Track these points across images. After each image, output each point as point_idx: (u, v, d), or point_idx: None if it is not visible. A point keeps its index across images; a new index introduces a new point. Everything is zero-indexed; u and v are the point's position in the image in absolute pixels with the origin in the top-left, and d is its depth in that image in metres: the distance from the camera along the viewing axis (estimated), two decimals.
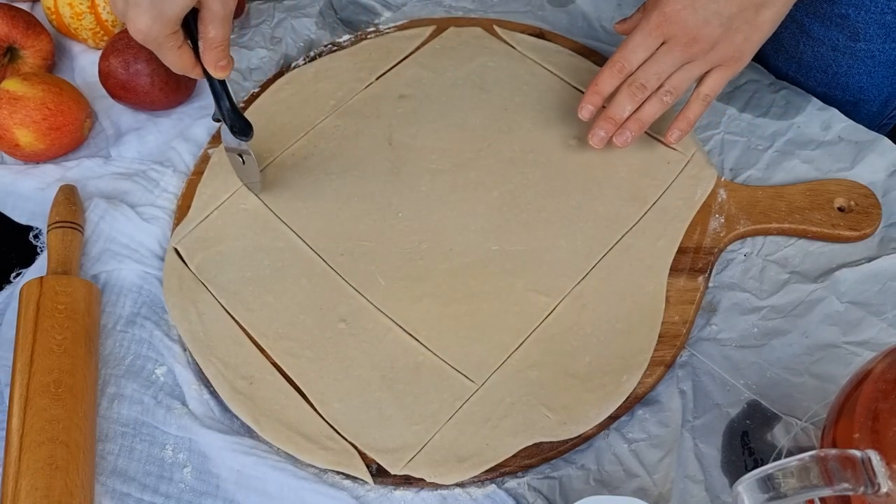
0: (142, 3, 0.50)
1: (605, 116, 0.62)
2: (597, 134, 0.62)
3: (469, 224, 0.62)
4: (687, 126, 0.62)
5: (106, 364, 0.58)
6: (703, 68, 0.59)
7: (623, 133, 0.62)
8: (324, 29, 0.78)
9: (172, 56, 0.54)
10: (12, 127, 0.65)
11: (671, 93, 0.60)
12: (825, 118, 0.67)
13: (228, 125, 0.58)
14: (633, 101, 0.60)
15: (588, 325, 0.57)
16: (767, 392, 0.54)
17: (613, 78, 0.61)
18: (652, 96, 0.60)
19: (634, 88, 0.60)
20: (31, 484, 0.49)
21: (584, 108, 0.62)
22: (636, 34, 0.59)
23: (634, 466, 0.52)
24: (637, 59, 0.59)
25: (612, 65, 0.60)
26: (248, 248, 0.62)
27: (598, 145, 0.63)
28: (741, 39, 0.57)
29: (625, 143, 0.62)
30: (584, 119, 0.63)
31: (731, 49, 0.58)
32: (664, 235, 0.61)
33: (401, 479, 0.52)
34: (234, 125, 0.58)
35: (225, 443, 0.53)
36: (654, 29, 0.58)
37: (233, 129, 0.58)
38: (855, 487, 0.37)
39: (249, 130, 0.59)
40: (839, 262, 0.60)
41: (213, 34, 0.54)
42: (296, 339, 0.57)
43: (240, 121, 0.58)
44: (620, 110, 0.61)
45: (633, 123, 0.61)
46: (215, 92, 0.57)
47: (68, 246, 0.60)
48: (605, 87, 0.61)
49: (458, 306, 0.58)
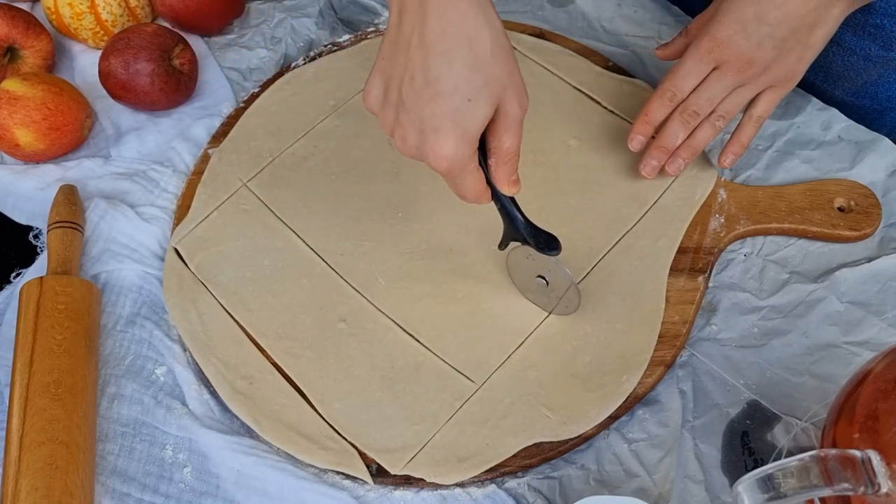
0: (443, 127, 0.44)
1: (657, 146, 0.61)
2: (649, 164, 0.61)
3: (469, 224, 0.62)
4: (740, 150, 0.61)
5: (106, 364, 0.58)
6: (755, 91, 0.59)
7: (675, 161, 0.61)
8: (324, 29, 0.78)
9: (472, 179, 0.48)
10: (12, 127, 0.65)
11: (723, 117, 0.59)
12: (825, 118, 0.67)
13: (533, 243, 0.52)
14: (686, 129, 0.60)
15: (588, 325, 0.57)
16: (767, 392, 0.54)
17: (664, 107, 0.60)
18: (704, 122, 0.60)
19: (687, 116, 0.59)
20: (31, 484, 0.49)
21: (634, 139, 0.61)
22: (686, 61, 0.58)
23: (634, 466, 0.52)
24: (689, 87, 0.59)
25: (662, 93, 0.59)
26: (248, 248, 0.62)
27: (650, 175, 0.61)
28: (794, 60, 0.57)
29: (676, 172, 0.61)
30: (634, 149, 0.61)
31: (783, 70, 0.57)
32: (664, 235, 0.61)
33: (401, 479, 0.52)
34: (540, 241, 0.51)
35: (225, 443, 0.53)
36: (706, 55, 0.57)
37: (538, 245, 0.51)
38: (855, 487, 0.37)
39: (557, 242, 0.51)
40: (839, 262, 0.60)
41: (509, 144, 0.47)
42: (296, 339, 0.57)
43: (543, 234, 0.51)
44: (673, 139, 0.60)
45: (686, 151, 0.60)
46: (508, 212, 0.51)
47: (68, 246, 0.60)
48: (656, 116, 0.60)
49: (458, 306, 0.58)
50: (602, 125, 0.67)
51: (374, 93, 0.48)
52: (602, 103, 0.69)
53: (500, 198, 0.50)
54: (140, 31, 0.68)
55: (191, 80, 0.71)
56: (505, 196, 0.50)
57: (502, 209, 0.51)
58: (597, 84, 0.70)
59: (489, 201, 0.50)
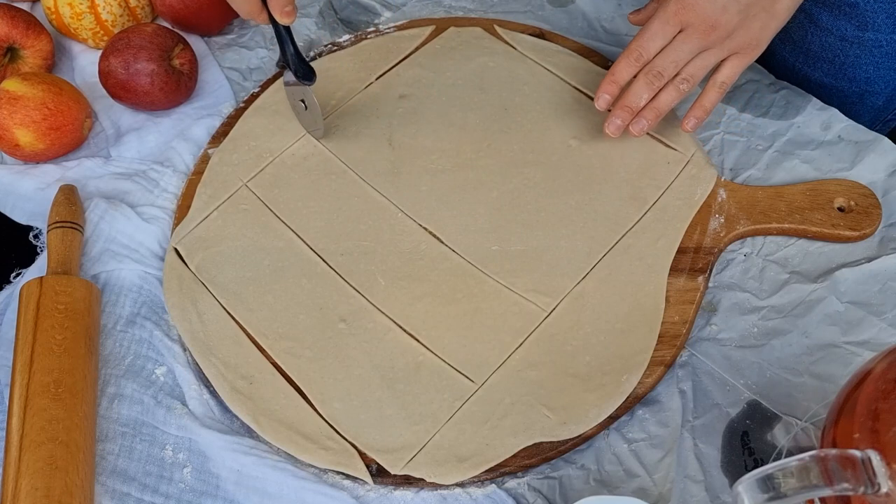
0: None
1: (621, 105, 0.62)
2: (613, 122, 0.62)
3: (469, 224, 0.62)
4: (703, 114, 0.62)
5: (106, 364, 0.58)
6: (719, 56, 0.60)
7: (639, 121, 0.62)
8: (324, 29, 0.78)
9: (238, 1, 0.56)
10: (12, 127, 0.65)
11: (688, 80, 0.60)
12: (825, 118, 0.67)
13: (293, 70, 0.61)
14: (650, 90, 0.61)
15: (588, 325, 0.57)
16: (767, 392, 0.54)
17: (630, 66, 0.61)
18: (668, 84, 0.61)
19: (651, 76, 0.60)
20: (31, 484, 0.49)
21: (600, 98, 0.62)
22: (653, 22, 0.59)
23: (634, 466, 0.52)
24: (654, 48, 0.60)
25: (628, 53, 0.60)
26: (248, 248, 0.62)
27: (614, 134, 0.62)
28: (758, 27, 0.58)
29: (640, 132, 0.62)
30: (600, 109, 0.62)
31: (747, 37, 0.58)
32: (664, 235, 0.61)
33: (401, 479, 0.52)
34: (299, 70, 0.61)
35: (225, 443, 0.53)
36: (672, 17, 0.58)
37: (297, 73, 0.61)
38: (855, 487, 0.37)
39: (313, 75, 0.61)
40: (839, 262, 0.60)
41: None
42: (296, 339, 0.57)
43: (303, 65, 0.61)
44: (637, 98, 0.61)
45: (650, 112, 0.61)
46: (280, 37, 0.60)
47: (68, 246, 0.60)
48: (621, 76, 0.61)
49: (458, 306, 0.58)
50: (602, 125, 0.67)
51: None
52: None
53: (275, 24, 0.59)
54: (140, 31, 0.68)
55: (191, 80, 0.71)
56: (280, 24, 0.59)
57: (277, 34, 0.60)
58: (596, 84, 0.69)
59: (266, 22, 0.59)
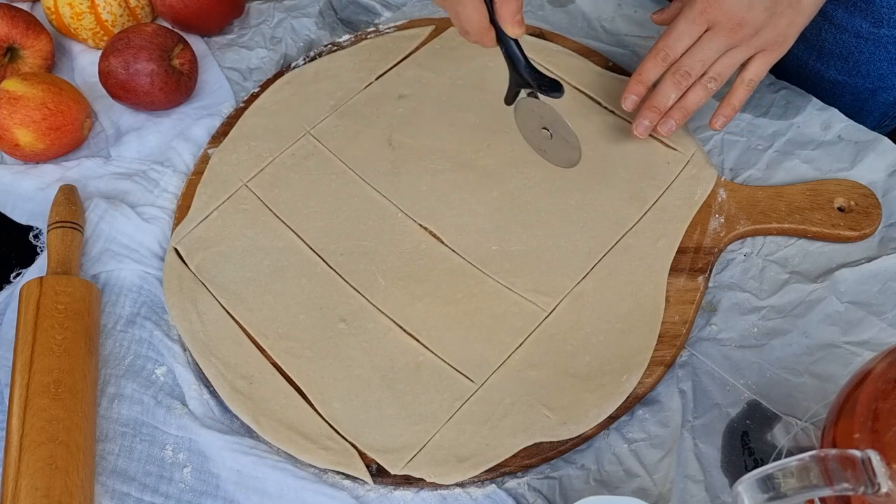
0: None
1: (649, 106, 0.61)
2: (641, 124, 0.62)
3: (469, 224, 0.62)
4: (732, 112, 0.62)
5: (106, 364, 0.58)
6: (747, 54, 0.59)
7: (667, 122, 0.61)
8: (324, 29, 0.78)
9: (470, 10, 0.49)
10: (12, 127, 0.65)
11: (715, 79, 0.60)
12: (825, 118, 0.67)
13: (535, 86, 0.53)
14: (678, 89, 0.60)
15: (588, 325, 0.57)
16: (767, 392, 0.54)
17: (657, 66, 0.60)
18: (696, 83, 0.60)
19: (679, 76, 0.60)
20: (31, 484, 0.49)
21: (627, 99, 0.62)
22: (680, 22, 0.59)
23: (634, 466, 0.52)
24: (681, 47, 0.59)
25: (655, 53, 0.60)
26: (248, 248, 0.62)
27: (642, 135, 0.62)
28: (785, 23, 0.58)
29: (669, 132, 0.62)
30: (627, 109, 0.62)
31: (775, 33, 0.58)
32: (664, 235, 0.61)
33: (401, 479, 0.52)
34: (543, 84, 0.53)
35: (225, 443, 0.53)
36: (699, 15, 0.58)
37: (541, 88, 0.53)
38: (855, 487, 0.37)
39: (560, 85, 0.53)
40: (839, 262, 0.60)
41: None
42: (296, 339, 0.57)
43: (546, 78, 0.53)
44: (665, 99, 0.61)
45: (678, 112, 0.61)
46: (512, 55, 0.52)
47: (68, 246, 0.60)
48: (649, 76, 0.61)
49: (458, 306, 0.58)
50: (602, 125, 0.67)
51: None
52: (602, 103, 0.69)
53: (505, 40, 0.51)
54: (140, 31, 0.68)
55: (191, 80, 0.71)
56: (510, 39, 0.51)
57: (507, 52, 0.52)
58: (597, 84, 0.70)
59: (493, 43, 0.52)
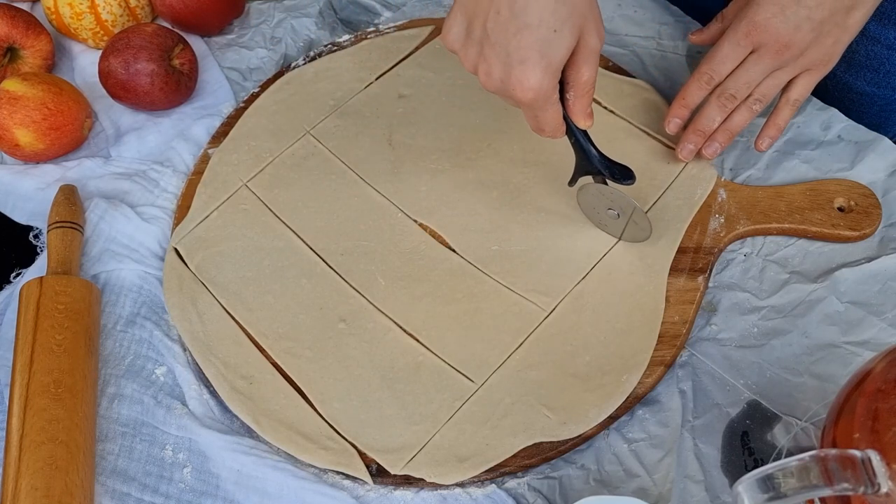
0: (529, 58, 0.45)
1: (693, 129, 0.61)
2: (685, 147, 0.61)
3: (469, 224, 0.62)
4: (777, 133, 0.62)
5: (106, 364, 0.58)
6: (791, 74, 0.59)
7: (712, 144, 0.61)
8: (324, 29, 0.78)
9: (553, 111, 0.49)
10: (12, 127, 0.65)
11: (760, 101, 0.60)
12: (825, 118, 0.67)
13: (608, 174, 0.54)
14: (723, 113, 0.60)
15: (588, 325, 0.57)
16: (767, 392, 0.54)
17: (702, 90, 0.60)
18: (741, 105, 0.60)
19: (724, 100, 0.60)
20: (31, 484, 0.49)
21: (671, 122, 0.62)
22: (724, 44, 0.59)
23: (634, 466, 0.52)
24: (726, 70, 0.59)
25: (699, 76, 0.60)
26: (248, 248, 0.62)
27: (687, 158, 0.62)
28: (831, 42, 0.57)
29: (713, 155, 0.61)
30: (670, 132, 0.62)
31: (820, 53, 0.58)
32: (664, 235, 0.61)
33: (401, 479, 0.52)
34: (614, 172, 0.54)
35: (225, 443, 0.53)
36: (743, 38, 0.58)
37: (613, 176, 0.54)
38: (855, 487, 0.37)
39: (632, 172, 0.54)
40: (839, 262, 0.60)
41: (587, 76, 0.48)
42: (296, 339, 0.57)
43: (618, 165, 0.53)
44: (710, 122, 0.60)
45: (722, 135, 0.61)
46: (583, 146, 0.53)
47: (68, 246, 0.60)
48: (692, 100, 0.61)
49: (458, 306, 0.58)
50: (602, 125, 0.67)
51: (455, 30, 0.48)
52: (602, 103, 0.69)
53: (575, 132, 0.52)
54: (140, 31, 0.68)
55: (191, 80, 0.71)
56: (579, 130, 0.52)
57: (576, 143, 0.52)
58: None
59: (563, 135, 0.52)
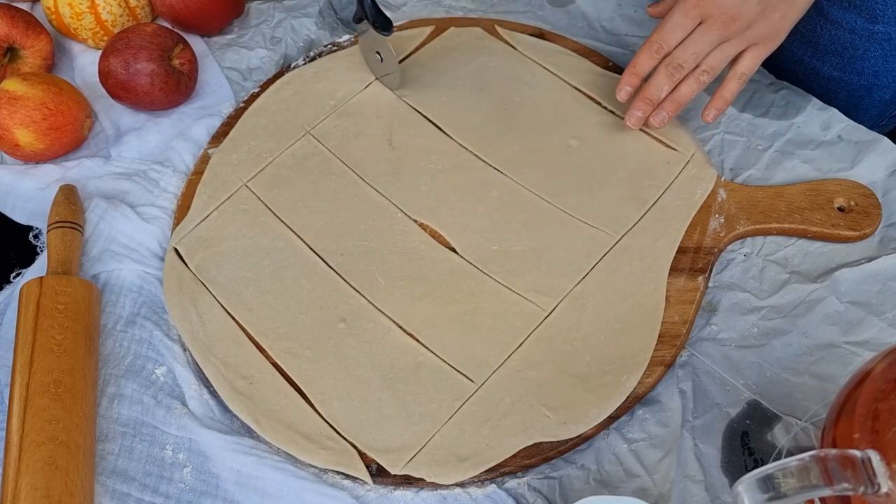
0: None
1: (641, 97, 0.62)
2: (634, 115, 0.63)
3: (469, 224, 0.62)
4: (723, 105, 0.63)
5: (106, 364, 0.58)
6: (739, 47, 0.60)
7: (659, 113, 0.62)
8: (324, 29, 0.78)
9: None
10: (12, 127, 0.65)
11: (708, 72, 0.61)
12: (825, 118, 0.67)
13: (370, 21, 0.64)
14: (671, 81, 0.61)
15: (588, 325, 0.57)
16: (767, 392, 0.54)
17: (651, 59, 0.61)
18: (689, 76, 0.61)
19: (672, 69, 0.61)
20: (31, 484, 0.49)
21: (622, 90, 0.63)
22: (674, 14, 0.60)
23: (634, 466, 0.52)
24: (675, 40, 0.60)
25: (649, 45, 0.61)
26: (248, 248, 0.62)
27: (635, 126, 0.64)
28: (778, 17, 0.59)
29: (661, 123, 0.63)
30: (621, 100, 0.64)
31: (767, 27, 0.59)
32: (664, 235, 0.61)
33: (401, 479, 0.52)
34: (377, 20, 0.64)
35: (225, 443, 0.53)
36: (692, 9, 0.59)
37: (374, 24, 0.64)
38: (855, 487, 0.37)
39: (390, 25, 0.64)
40: (839, 262, 0.60)
41: None
42: (296, 339, 0.57)
43: (381, 16, 0.64)
44: (658, 90, 0.62)
45: (670, 104, 0.62)
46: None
47: (68, 246, 0.60)
48: (642, 68, 0.62)
49: (458, 306, 0.58)
50: (602, 125, 0.67)
51: None
52: (602, 103, 0.69)
53: None
54: (140, 31, 0.68)
55: (191, 80, 0.71)
56: None
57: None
58: (597, 84, 0.70)
59: None
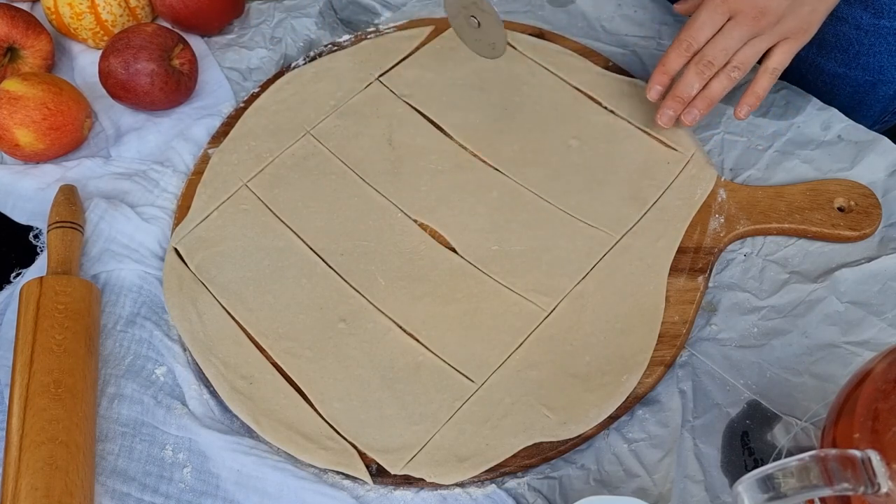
0: None
1: (672, 95, 0.62)
2: (665, 113, 0.62)
3: (469, 224, 0.62)
4: (756, 101, 0.62)
5: (106, 364, 0.58)
6: (769, 42, 0.60)
7: (691, 111, 0.62)
8: (324, 29, 0.78)
9: None
10: (12, 127, 0.65)
11: (738, 68, 0.60)
12: (825, 118, 0.67)
13: None
14: (702, 79, 0.60)
15: (588, 325, 0.57)
16: (767, 392, 0.54)
17: (681, 57, 0.61)
18: (719, 73, 0.60)
19: (702, 66, 0.60)
20: (31, 484, 0.49)
21: (652, 89, 0.62)
22: (702, 11, 0.59)
23: (634, 466, 0.52)
24: (704, 37, 0.60)
25: (678, 43, 0.60)
26: (248, 248, 0.62)
27: (667, 125, 0.63)
28: (807, 11, 0.58)
29: (693, 122, 0.62)
30: (652, 100, 0.63)
31: (797, 21, 0.58)
32: (664, 235, 0.61)
33: (401, 479, 0.52)
34: None
35: (225, 443, 0.53)
36: (721, 5, 0.58)
37: None
38: (855, 487, 0.37)
39: None
40: (839, 262, 0.60)
41: None
42: (296, 339, 0.57)
43: None
44: (688, 88, 0.61)
45: (701, 101, 0.61)
46: None
47: (68, 246, 0.60)
48: (672, 66, 0.61)
49: (458, 306, 0.58)
50: (602, 125, 0.67)
51: None
52: (602, 103, 0.69)
53: None
54: (140, 31, 0.68)
55: (191, 80, 0.71)
56: None
57: None
58: (597, 84, 0.70)
59: None
